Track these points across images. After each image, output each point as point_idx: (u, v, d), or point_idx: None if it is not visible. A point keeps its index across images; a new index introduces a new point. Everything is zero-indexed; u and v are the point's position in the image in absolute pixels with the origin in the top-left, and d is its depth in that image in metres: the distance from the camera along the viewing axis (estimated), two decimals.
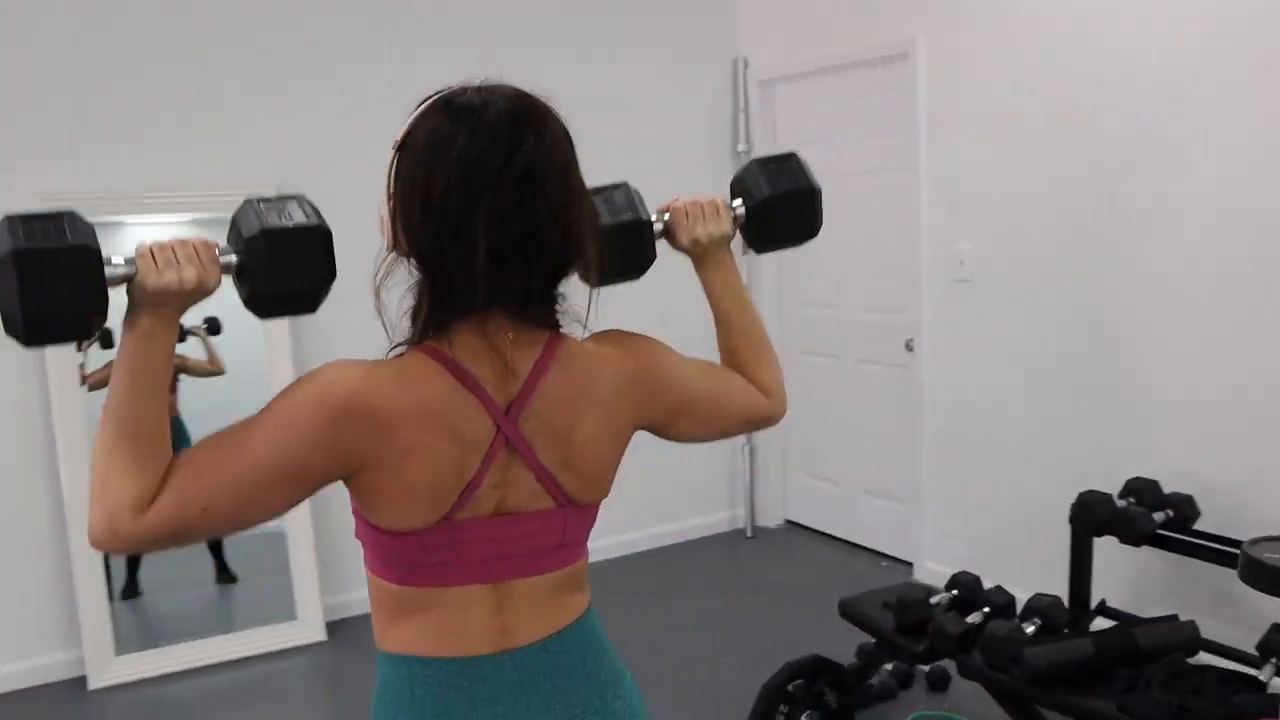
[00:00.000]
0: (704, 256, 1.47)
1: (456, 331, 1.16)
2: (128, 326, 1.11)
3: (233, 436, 1.12)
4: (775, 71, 4.77)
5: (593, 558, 4.27)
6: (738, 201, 1.51)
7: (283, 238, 1.14)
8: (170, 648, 3.76)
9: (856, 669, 3.02)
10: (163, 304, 1.10)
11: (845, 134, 4.54)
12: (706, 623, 3.98)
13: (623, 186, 1.43)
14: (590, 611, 1.33)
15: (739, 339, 1.48)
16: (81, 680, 3.61)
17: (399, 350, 1.19)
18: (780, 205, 1.49)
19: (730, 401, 1.41)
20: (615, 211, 1.39)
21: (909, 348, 4.25)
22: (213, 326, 3.91)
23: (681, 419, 1.35)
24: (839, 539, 4.83)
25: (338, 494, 1.19)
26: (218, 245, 1.15)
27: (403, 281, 1.20)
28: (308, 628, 3.94)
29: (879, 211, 4.41)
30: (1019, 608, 2.76)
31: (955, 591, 2.88)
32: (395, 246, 1.18)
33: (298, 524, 3.91)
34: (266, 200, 1.17)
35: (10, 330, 1.06)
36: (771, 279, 4.98)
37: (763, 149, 4.87)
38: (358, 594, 4.12)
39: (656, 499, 4.84)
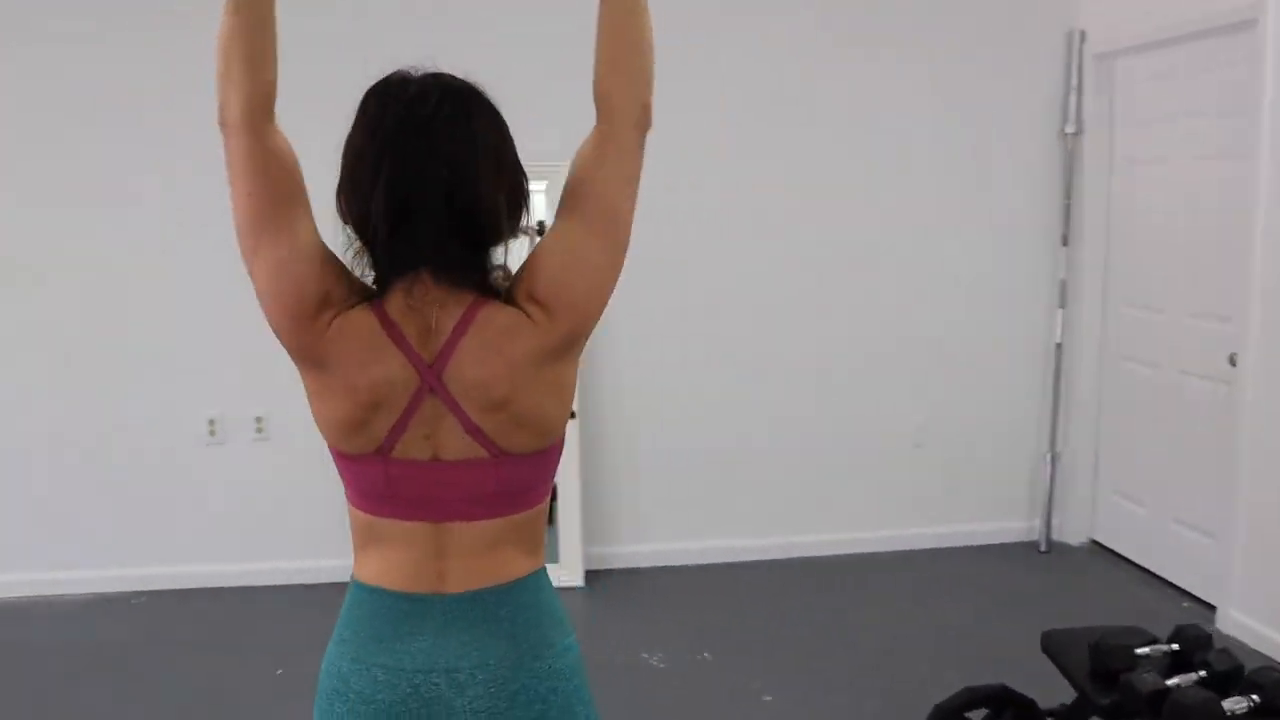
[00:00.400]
0: None
1: (393, 291, 1.27)
2: None
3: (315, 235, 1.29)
4: (1116, 44, 4.28)
5: (864, 549, 4.14)
6: None
7: None
8: None
9: (1063, 711, 2.73)
10: None
11: (1182, 114, 3.99)
12: (948, 633, 3.75)
13: None
14: (537, 576, 1.37)
15: (602, 35, 1.31)
16: None
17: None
18: None
19: (611, 207, 1.31)
20: None
21: (1232, 362, 3.67)
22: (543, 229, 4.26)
23: (609, 274, 1.32)
24: (1143, 569, 4.31)
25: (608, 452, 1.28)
26: None
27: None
28: (567, 571, 4.24)
29: (1211, 203, 3.85)
30: None
31: (1175, 646, 2.50)
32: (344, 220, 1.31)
33: (568, 472, 4.21)
34: None
35: None
36: (1094, 275, 4.51)
37: (1095, 131, 4.41)
38: (621, 548, 4.37)
39: (947, 499, 4.62)
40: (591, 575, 4.30)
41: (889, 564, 4.44)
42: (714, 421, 4.41)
